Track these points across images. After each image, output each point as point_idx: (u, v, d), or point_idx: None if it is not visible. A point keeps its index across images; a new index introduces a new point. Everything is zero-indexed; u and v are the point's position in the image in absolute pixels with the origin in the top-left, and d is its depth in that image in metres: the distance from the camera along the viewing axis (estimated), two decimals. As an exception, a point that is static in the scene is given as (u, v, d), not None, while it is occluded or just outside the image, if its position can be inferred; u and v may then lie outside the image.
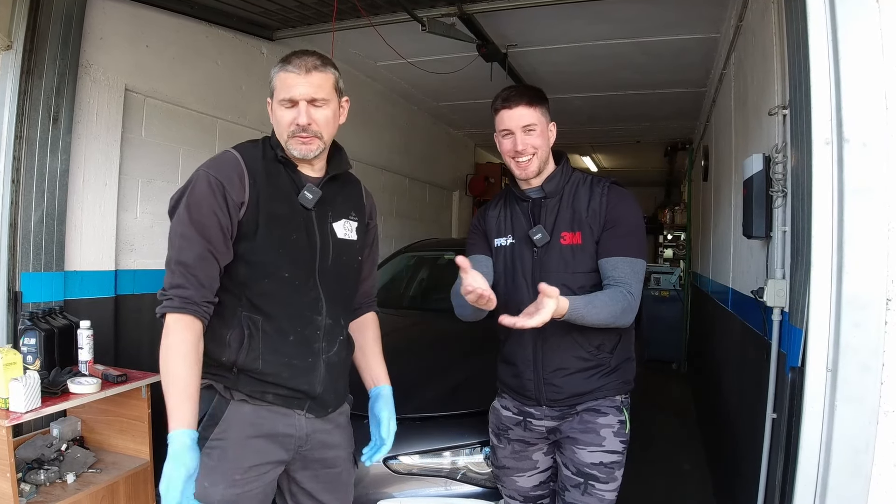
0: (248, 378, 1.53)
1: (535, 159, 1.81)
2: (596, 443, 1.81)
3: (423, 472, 2.20)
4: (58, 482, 2.37)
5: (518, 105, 1.80)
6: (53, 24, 2.72)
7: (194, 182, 1.50)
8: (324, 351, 1.62)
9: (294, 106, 1.53)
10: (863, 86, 1.34)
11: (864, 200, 1.33)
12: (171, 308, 1.44)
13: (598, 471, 1.80)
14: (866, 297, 1.33)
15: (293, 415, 1.60)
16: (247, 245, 1.52)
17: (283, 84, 1.53)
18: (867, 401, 1.34)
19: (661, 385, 6.22)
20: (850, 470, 1.35)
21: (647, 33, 4.17)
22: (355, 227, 1.71)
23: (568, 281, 1.77)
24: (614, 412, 1.83)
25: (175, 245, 1.48)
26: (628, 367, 1.89)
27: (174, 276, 1.46)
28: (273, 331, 1.54)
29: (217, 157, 1.57)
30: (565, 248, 1.81)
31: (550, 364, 1.84)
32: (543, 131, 1.82)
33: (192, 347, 1.45)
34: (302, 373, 1.58)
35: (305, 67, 1.52)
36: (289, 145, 1.56)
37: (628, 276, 1.74)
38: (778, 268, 2.07)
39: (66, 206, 2.83)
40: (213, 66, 3.75)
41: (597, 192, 1.83)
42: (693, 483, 3.73)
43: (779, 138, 2.10)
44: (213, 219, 1.47)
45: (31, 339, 2.43)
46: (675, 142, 8.10)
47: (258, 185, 1.53)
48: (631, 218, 1.80)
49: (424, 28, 3.70)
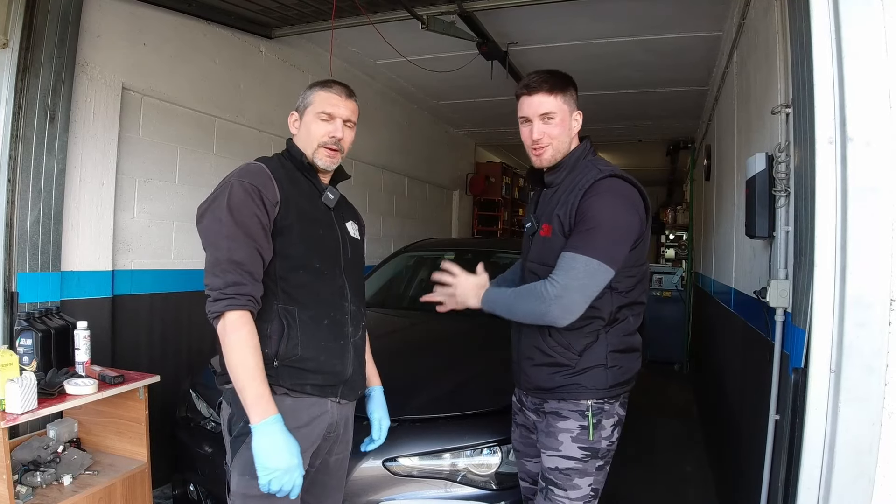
0: (289, 369, 1.64)
1: (550, 149, 1.79)
2: (553, 447, 1.79)
3: (423, 474, 2.19)
4: (54, 484, 2.35)
5: (538, 92, 1.77)
6: (50, 22, 2.70)
7: (230, 189, 1.61)
8: (351, 335, 1.79)
9: (332, 121, 1.76)
10: (866, 84, 1.33)
11: (868, 200, 1.32)
12: (237, 305, 1.55)
13: (555, 476, 1.77)
14: (870, 298, 1.32)
15: (328, 403, 1.73)
16: (283, 240, 1.66)
17: (324, 101, 1.76)
18: (871, 402, 1.33)
19: (662, 386, 6.21)
20: (853, 472, 1.35)
21: (649, 31, 4.15)
22: (357, 230, 1.94)
23: (542, 273, 1.74)
24: (577, 416, 1.76)
25: (223, 247, 1.58)
26: (600, 373, 1.76)
27: (229, 275, 1.56)
28: (308, 318, 1.68)
29: (244, 167, 1.70)
30: (542, 240, 1.81)
31: (523, 350, 1.87)
32: (564, 120, 1.78)
33: (257, 340, 1.58)
34: (336, 355, 1.73)
35: (346, 93, 1.80)
36: (316, 155, 1.77)
37: (564, 271, 1.64)
38: (781, 268, 2.05)
39: (63, 206, 2.82)
40: (211, 64, 3.73)
41: (581, 185, 1.72)
42: (695, 485, 3.72)
43: (782, 137, 2.08)
44: (255, 219, 1.60)
45: (27, 340, 2.42)
46: (678, 141, 8.08)
47: (285, 188, 1.69)
48: (596, 214, 1.66)
49: (424, 26, 3.69)
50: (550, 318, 1.65)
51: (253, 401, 1.53)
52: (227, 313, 1.55)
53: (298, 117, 1.81)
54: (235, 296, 1.55)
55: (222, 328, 1.56)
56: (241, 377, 1.54)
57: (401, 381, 2.03)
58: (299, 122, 1.81)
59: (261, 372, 1.55)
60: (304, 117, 1.79)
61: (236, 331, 1.55)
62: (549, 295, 1.63)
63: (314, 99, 1.77)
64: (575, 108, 1.82)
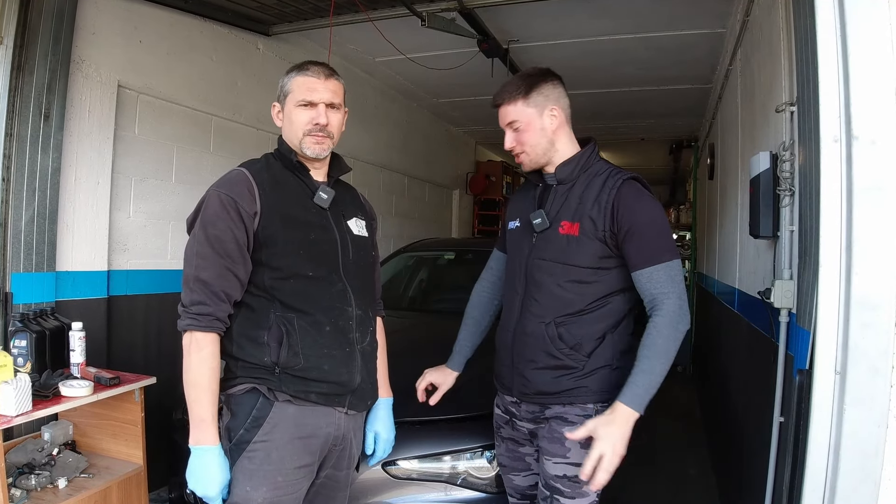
0: (292, 377, 1.58)
1: (525, 155, 1.81)
2: (560, 454, 1.74)
3: (423, 477, 2.18)
4: (49, 487, 2.33)
5: (501, 104, 1.81)
6: (45, 19, 2.68)
7: (207, 202, 1.58)
8: (358, 341, 1.70)
9: (313, 107, 1.65)
10: (872, 82, 1.32)
11: (874, 199, 1.32)
12: (199, 327, 1.53)
13: (563, 484, 1.73)
14: (876, 298, 1.32)
15: (334, 413, 1.66)
16: (267, 252, 1.59)
17: (301, 87, 1.65)
18: (876, 404, 1.32)
19: (665, 388, 6.00)
20: (859, 475, 1.34)
21: (652, 28, 4.13)
22: (364, 226, 1.83)
23: (559, 272, 1.73)
24: (583, 422, 1.69)
25: (192, 263, 1.56)
26: (607, 374, 1.74)
27: (195, 294, 1.54)
28: (309, 325, 1.61)
29: (224, 176, 1.65)
30: (562, 238, 1.74)
31: (523, 354, 1.80)
32: (531, 124, 1.77)
33: (217, 363, 1.56)
34: (341, 363, 1.65)
35: (324, 73, 1.67)
36: (303, 145, 1.66)
37: (665, 285, 1.64)
38: (785, 268, 2.04)
39: (58, 205, 2.80)
40: (207, 61, 3.71)
41: (608, 185, 1.72)
42: (698, 488, 3.70)
43: (786, 136, 2.07)
44: (229, 234, 1.55)
45: (21, 341, 2.39)
46: (681, 139, 8.08)
47: (268, 194, 1.61)
48: (648, 217, 1.68)
49: (424, 23, 3.66)
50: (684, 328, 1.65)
51: (195, 423, 1.53)
52: (192, 332, 1.54)
53: (280, 108, 1.72)
54: (198, 317, 1.53)
55: (186, 344, 1.56)
56: (191, 396, 1.54)
57: (400, 383, 2.02)
58: (282, 114, 1.72)
59: (212, 395, 1.54)
60: (285, 107, 1.70)
61: (198, 351, 1.54)
62: (681, 311, 1.64)
63: (292, 86, 1.67)
64: (547, 105, 1.77)
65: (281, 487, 1.57)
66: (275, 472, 1.56)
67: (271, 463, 1.56)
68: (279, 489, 1.56)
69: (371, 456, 1.92)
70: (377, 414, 1.91)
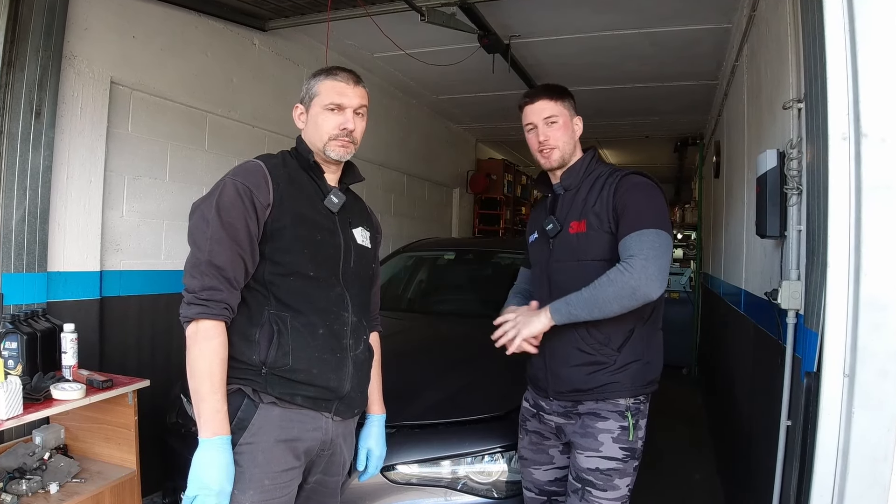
0: (278, 379, 1.57)
1: (557, 150, 1.91)
2: (593, 448, 1.82)
3: (422, 482, 2.16)
4: (40, 492, 2.31)
5: (539, 99, 1.91)
6: (36, 14, 2.65)
7: (222, 188, 1.57)
8: (351, 348, 1.69)
9: (341, 112, 1.67)
10: (881, 78, 1.31)
11: (883, 198, 1.30)
12: (210, 314, 1.50)
13: (595, 477, 1.81)
14: (885, 299, 1.30)
15: (321, 417, 1.64)
16: (273, 245, 1.59)
17: (331, 91, 1.67)
18: (886, 407, 1.30)
19: (670, 391, 6.14)
20: (867, 480, 1.32)
21: (656, 23, 4.11)
22: (368, 237, 1.83)
23: (575, 270, 1.83)
24: (616, 417, 1.82)
25: (205, 248, 1.53)
26: (638, 368, 1.84)
27: (207, 278, 1.51)
28: (302, 326, 1.60)
29: (241, 165, 1.65)
30: (572, 237, 1.87)
31: (557, 354, 1.87)
32: (566, 124, 1.92)
33: (226, 353, 1.54)
34: (332, 368, 1.64)
35: (353, 80, 1.69)
36: (328, 148, 1.68)
37: (638, 247, 1.69)
38: (793, 268, 2.04)
39: (49, 204, 2.77)
40: (202, 57, 3.67)
41: (609, 182, 1.85)
42: (704, 493, 3.69)
43: (794, 133, 2.07)
44: (243, 222, 1.54)
45: (12, 343, 2.37)
46: (686, 137, 8.06)
47: (282, 189, 1.62)
48: (640, 198, 1.78)
49: (423, 18, 3.63)
50: (643, 291, 1.66)
51: (209, 415, 1.49)
52: (200, 320, 1.51)
53: (304, 110, 1.72)
54: (209, 302, 1.50)
55: (193, 333, 1.52)
56: (204, 388, 1.50)
57: (399, 386, 2.01)
58: (305, 116, 1.72)
59: (223, 386, 1.52)
60: (310, 110, 1.70)
61: (208, 340, 1.51)
62: (635, 268, 1.66)
63: (320, 89, 1.68)
64: (575, 114, 1.96)
65: (268, 491, 1.55)
66: (261, 475, 1.54)
67: (257, 465, 1.54)
68: (266, 492, 1.54)
69: (363, 472, 1.92)
70: (370, 431, 1.91)
